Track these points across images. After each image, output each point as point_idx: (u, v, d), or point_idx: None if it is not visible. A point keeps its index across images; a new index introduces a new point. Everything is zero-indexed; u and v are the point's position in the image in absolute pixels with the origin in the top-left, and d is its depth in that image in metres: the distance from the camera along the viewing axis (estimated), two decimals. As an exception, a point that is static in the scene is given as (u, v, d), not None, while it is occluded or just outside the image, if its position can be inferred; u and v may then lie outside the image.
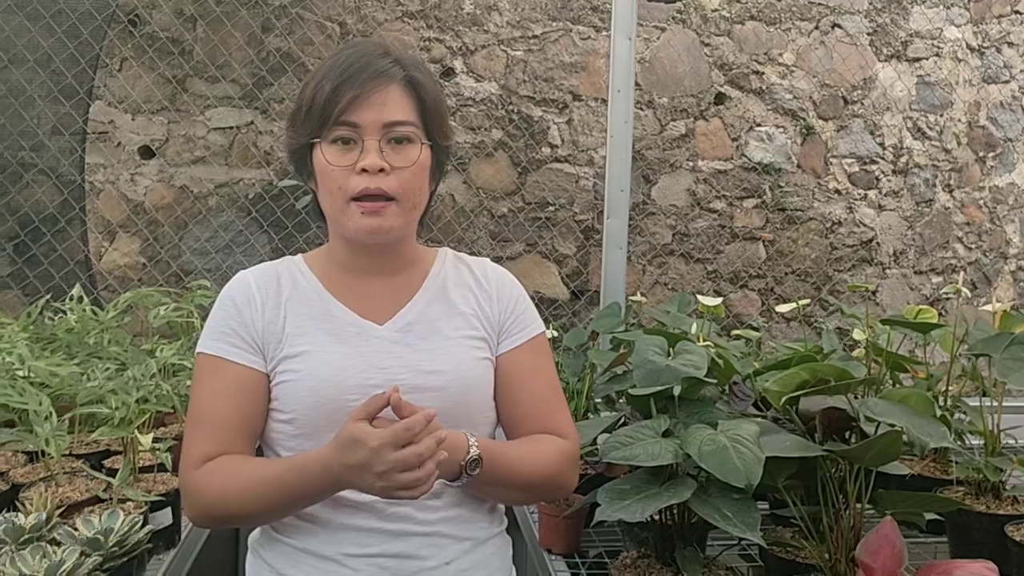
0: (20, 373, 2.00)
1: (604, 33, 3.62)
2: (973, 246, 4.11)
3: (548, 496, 1.35)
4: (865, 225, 3.91)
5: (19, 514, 1.54)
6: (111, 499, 1.67)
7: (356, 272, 1.34)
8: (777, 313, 3.82)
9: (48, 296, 2.63)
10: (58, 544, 1.42)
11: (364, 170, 1.22)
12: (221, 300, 1.33)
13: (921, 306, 2.01)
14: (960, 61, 4.00)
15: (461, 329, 1.33)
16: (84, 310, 2.49)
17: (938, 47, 3.95)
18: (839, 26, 3.85)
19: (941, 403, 1.85)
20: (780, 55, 3.80)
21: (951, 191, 4.04)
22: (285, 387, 1.26)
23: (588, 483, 1.90)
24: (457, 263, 1.41)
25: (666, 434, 1.40)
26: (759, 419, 1.45)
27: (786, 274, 3.85)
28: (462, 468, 1.21)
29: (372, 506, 1.24)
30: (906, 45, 3.92)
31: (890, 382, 1.81)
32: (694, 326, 2.02)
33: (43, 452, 1.82)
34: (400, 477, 1.10)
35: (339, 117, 1.23)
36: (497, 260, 1.49)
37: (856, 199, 3.90)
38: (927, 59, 3.95)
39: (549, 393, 1.36)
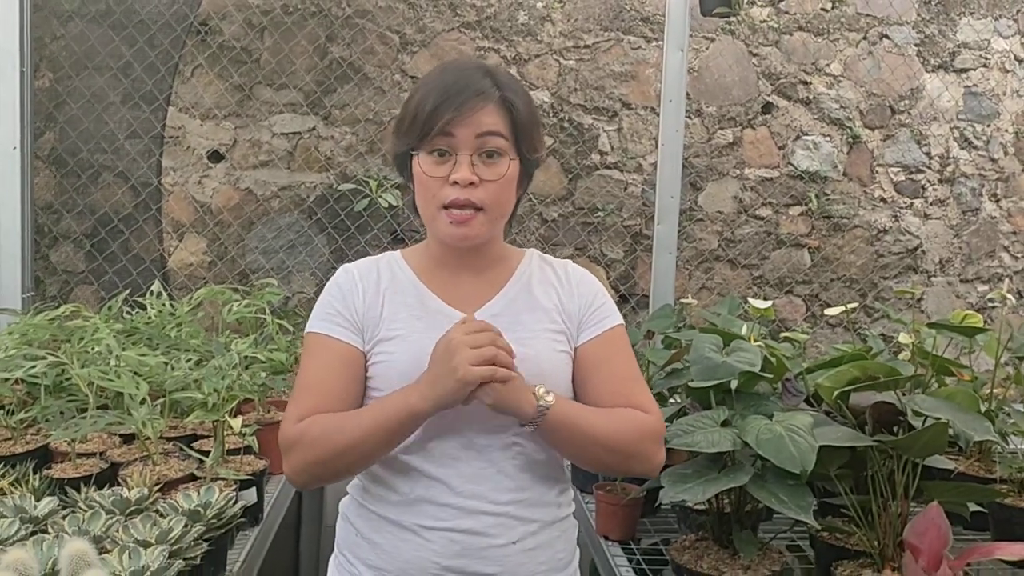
0: (111, 362, 2.14)
1: (654, 43, 3.71)
2: (1020, 255, 4.14)
3: (628, 464, 1.38)
4: (911, 233, 3.96)
5: (123, 489, 1.68)
6: (205, 477, 1.81)
7: (448, 267, 1.46)
8: (822, 319, 3.89)
9: (127, 292, 2.79)
10: (162, 516, 1.56)
11: (456, 182, 1.34)
12: (328, 287, 1.47)
13: (967, 311, 2.08)
14: (1008, 72, 4.04)
15: (542, 322, 1.42)
16: (164, 305, 2.64)
17: (986, 58, 3.99)
18: (887, 37, 3.90)
19: (986, 406, 1.92)
20: (828, 65, 3.87)
21: (997, 200, 4.07)
22: (380, 367, 1.38)
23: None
24: (542, 263, 1.52)
25: (724, 424, 1.50)
26: (812, 412, 1.55)
27: (831, 280, 3.91)
28: (536, 409, 1.29)
29: (447, 482, 1.34)
30: (953, 56, 3.97)
31: (936, 385, 1.88)
32: (744, 328, 2.11)
33: (137, 434, 1.97)
34: (470, 353, 1.23)
35: (438, 131, 1.34)
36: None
37: (902, 207, 3.95)
38: (974, 70, 3.99)
39: (628, 374, 1.43)
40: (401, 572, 1.35)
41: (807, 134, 3.86)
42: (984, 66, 3.99)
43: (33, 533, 1.47)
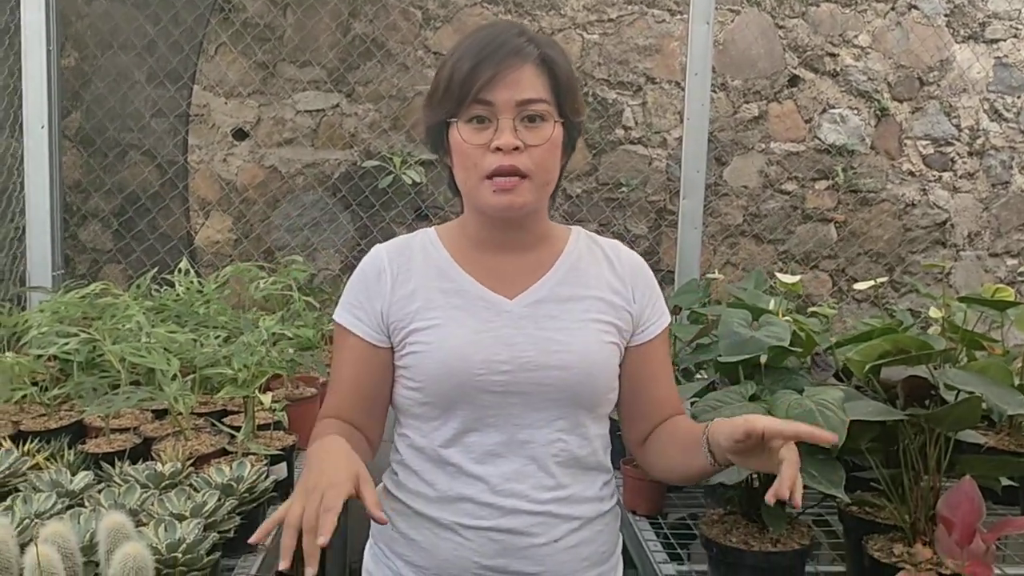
0: (142, 339, 2.16)
1: (679, 16, 3.68)
2: (1050, 229, 4.08)
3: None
4: (939, 207, 3.92)
5: (157, 463, 1.71)
6: (236, 452, 1.83)
7: (488, 247, 1.37)
8: (848, 294, 3.86)
9: (155, 269, 2.81)
10: (196, 490, 1.58)
11: (498, 148, 1.25)
12: (356, 273, 1.41)
13: (998, 285, 2.05)
14: (1040, 42, 3.97)
15: (590, 312, 1.35)
16: (191, 282, 2.66)
17: (1016, 28, 3.92)
18: (916, 7, 3.84)
19: (1018, 380, 1.91)
20: (855, 37, 3.81)
21: (1028, 173, 4.02)
22: (415, 358, 1.32)
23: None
24: (591, 243, 1.43)
25: (753, 399, 1.50)
26: (843, 387, 1.54)
27: (858, 255, 3.88)
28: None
29: (487, 480, 1.30)
30: (984, 26, 3.90)
31: (966, 359, 1.87)
32: (772, 303, 2.10)
33: (168, 410, 1.99)
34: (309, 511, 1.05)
35: (475, 96, 1.25)
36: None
37: (931, 181, 3.90)
38: (1005, 40, 3.92)
39: (672, 378, 1.43)
40: (440, 570, 1.32)
41: (834, 107, 3.82)
42: (1015, 36, 3.92)
43: (70, 507, 1.50)
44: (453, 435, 1.31)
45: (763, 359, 1.57)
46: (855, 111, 3.83)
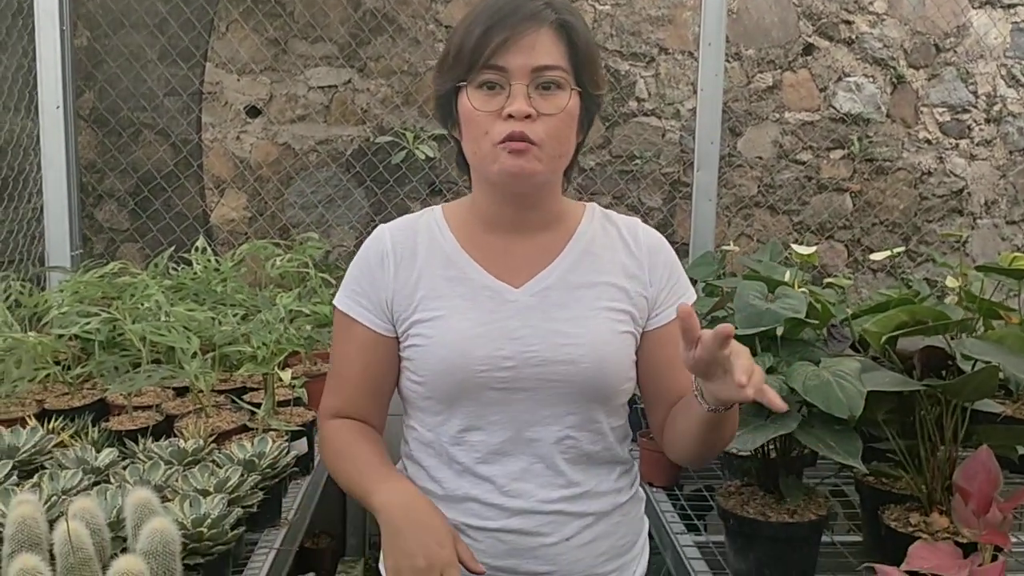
0: (161, 317, 2.19)
1: (692, -15, 3.64)
2: (1068, 196, 4.05)
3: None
4: (956, 175, 3.88)
5: (180, 440, 1.73)
6: (257, 428, 1.86)
7: (497, 228, 1.30)
8: (864, 264, 3.84)
9: (171, 248, 2.83)
10: (218, 466, 1.61)
11: (510, 116, 1.18)
12: (358, 256, 1.34)
13: (1016, 253, 2.04)
14: (1059, 6, 3.91)
15: (602, 299, 1.28)
16: (209, 260, 2.68)
17: (1036, -8, 3.86)
18: (932, -28, 3.79)
19: (1035, 348, 1.90)
20: (871, 3, 3.76)
21: (1046, 140, 3.97)
22: (416, 351, 1.27)
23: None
24: (605, 222, 1.35)
25: (770, 371, 1.50)
26: (860, 358, 1.54)
27: (873, 225, 3.86)
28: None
29: (494, 480, 1.26)
30: (1002, -10, 3.84)
31: (983, 329, 1.87)
32: (787, 274, 2.10)
33: (189, 387, 2.02)
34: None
35: (487, 61, 1.19)
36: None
37: (947, 148, 3.87)
38: (1022, 5, 3.86)
39: None
40: None
41: (849, 75, 3.78)
42: (1034, 0, 3.86)
43: (96, 483, 1.52)
44: (457, 432, 1.27)
45: (779, 331, 1.57)
46: (870, 79, 3.79)
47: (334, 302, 1.36)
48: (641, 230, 1.36)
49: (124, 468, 1.58)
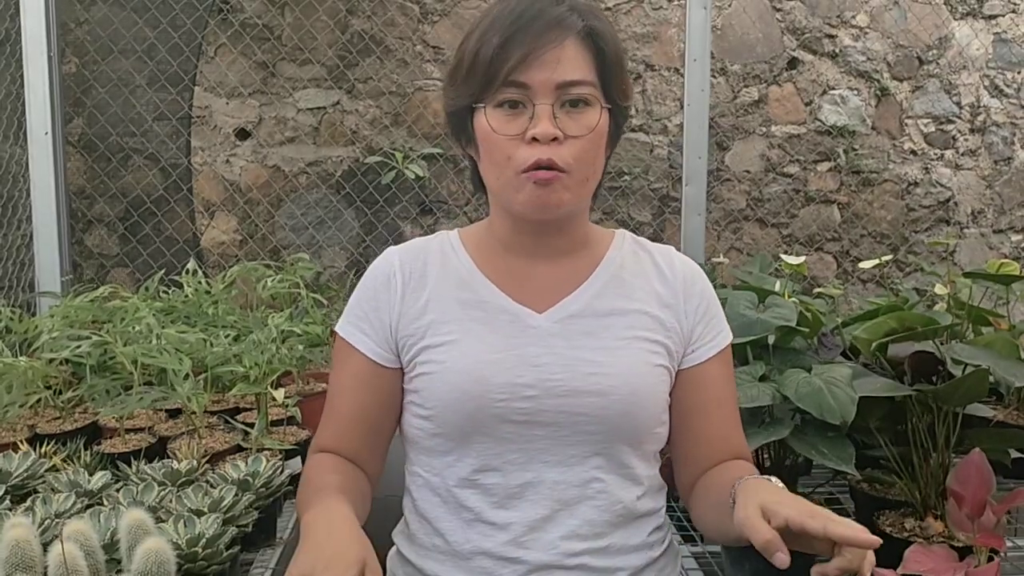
0: (153, 340, 2.18)
1: (675, 2, 3.68)
2: (1054, 204, 4.09)
3: None
4: (942, 185, 3.92)
5: (173, 461, 1.72)
6: (251, 448, 1.85)
7: (518, 252, 1.18)
8: (853, 275, 3.87)
9: (162, 272, 2.83)
10: (212, 486, 1.60)
11: (534, 139, 1.06)
12: (363, 279, 1.23)
13: (1003, 260, 2.06)
14: (1038, 17, 3.96)
15: (635, 328, 1.15)
16: (199, 283, 2.68)
17: (1015, 3, 3.91)
18: (913, -14, 3.84)
19: (1024, 353, 1.91)
20: (853, 17, 3.81)
21: (1030, 149, 4.02)
22: (425, 380, 1.14)
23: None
24: (637, 248, 1.23)
25: (762, 379, 1.51)
26: (851, 364, 1.55)
27: (862, 236, 3.88)
28: None
29: (509, 529, 1.11)
30: (982, 2, 3.89)
31: (972, 335, 1.88)
32: (777, 284, 2.11)
33: (182, 409, 2.01)
34: None
35: (506, 77, 1.06)
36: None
37: (932, 159, 3.90)
38: (1003, 16, 3.91)
39: (736, 415, 1.22)
40: None
41: (834, 88, 3.82)
42: (1014, 12, 3.91)
43: (89, 506, 1.51)
44: (470, 473, 1.13)
45: (771, 340, 1.58)
46: (855, 92, 3.83)
47: (335, 328, 1.24)
48: (676, 258, 1.23)
49: (117, 490, 1.57)
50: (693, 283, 1.21)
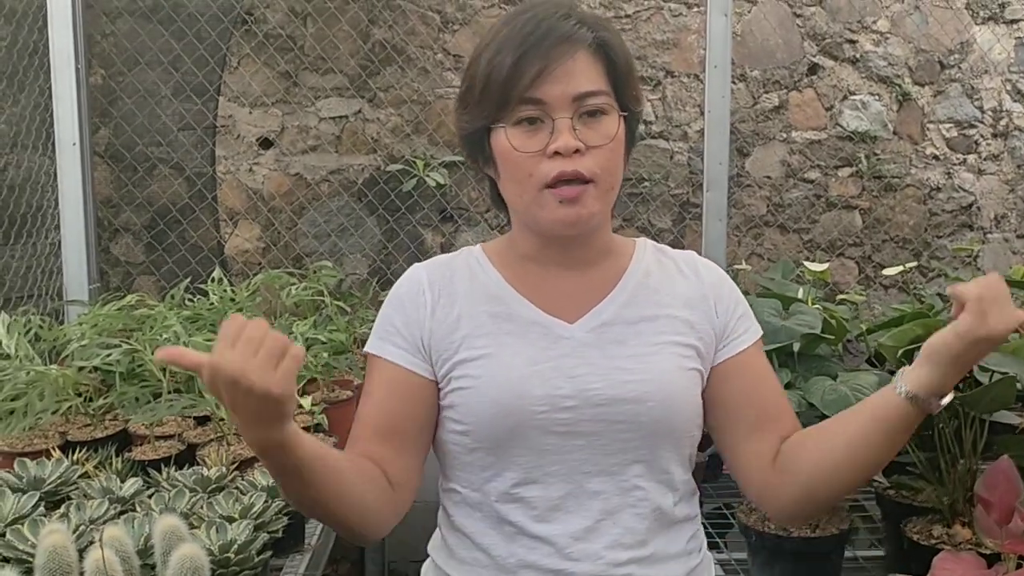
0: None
1: (695, 9, 3.68)
2: (1078, 208, 4.05)
3: (840, 500, 1.17)
4: (965, 190, 3.90)
5: (203, 468, 1.75)
6: (278, 455, 1.87)
7: (544, 264, 1.18)
8: (875, 281, 3.85)
9: (187, 280, 2.86)
10: (242, 492, 1.62)
11: (557, 153, 1.07)
12: (390, 297, 1.22)
13: (1027, 266, 2.05)
14: (1061, 20, 3.94)
15: (665, 333, 1.15)
16: (225, 291, 2.71)
17: (1038, 8, 3.89)
18: (934, -10, 3.83)
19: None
20: (874, 22, 3.80)
21: (1054, 153, 3.99)
22: (461, 395, 1.13)
23: (705, 439, 2.02)
24: (660, 255, 1.24)
25: (788, 386, 1.52)
26: (877, 372, 1.56)
27: (884, 241, 3.87)
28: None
29: (553, 541, 1.11)
30: (1003, 7, 3.87)
31: (998, 341, 1.87)
32: (800, 291, 2.12)
33: (210, 416, 2.03)
34: (257, 361, 0.89)
35: (523, 95, 1.07)
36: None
37: (955, 164, 3.88)
38: (1026, 20, 3.90)
39: (783, 390, 1.22)
40: None
41: (855, 94, 3.81)
42: (1036, 16, 3.89)
43: (122, 512, 1.54)
44: (510, 487, 1.12)
45: (796, 347, 1.59)
46: (876, 97, 3.82)
47: (367, 348, 1.21)
48: (700, 262, 1.25)
49: (149, 497, 1.60)
50: (721, 285, 1.22)
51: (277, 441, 0.96)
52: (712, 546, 1.80)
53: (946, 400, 1.03)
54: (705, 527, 1.89)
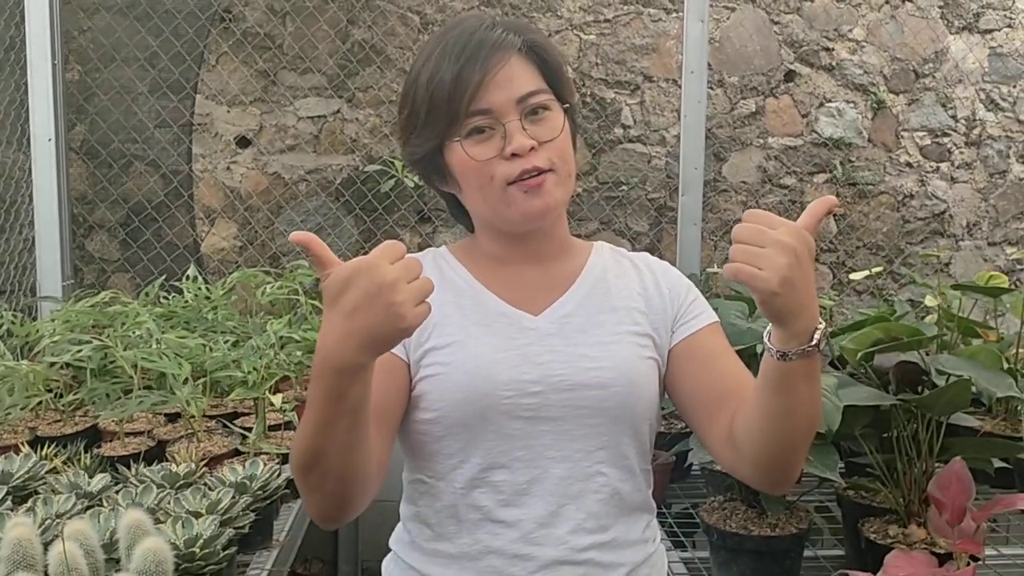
0: (153, 345, 2.22)
1: (674, 15, 3.71)
2: (1048, 217, 4.11)
3: (799, 457, 1.11)
4: (937, 198, 3.95)
5: (172, 464, 1.75)
6: (248, 452, 1.88)
7: (507, 261, 1.24)
8: (848, 286, 3.89)
9: (162, 277, 2.86)
10: (210, 488, 1.63)
11: (514, 154, 1.12)
12: None
13: (992, 272, 2.09)
14: (1033, 31, 4.00)
15: (624, 324, 1.20)
16: (199, 288, 2.71)
17: (1010, 18, 3.95)
18: (910, 0, 3.87)
19: (1011, 365, 1.94)
20: (850, 31, 3.85)
21: (1025, 162, 4.05)
22: (431, 382, 1.15)
23: (672, 439, 2.04)
24: (616, 256, 1.30)
25: (750, 388, 1.54)
26: (837, 374, 1.58)
27: (857, 248, 3.91)
28: (813, 333, 0.98)
29: (518, 526, 1.13)
30: (977, 17, 3.93)
31: (961, 346, 1.91)
32: (770, 295, 2.14)
33: (181, 413, 2.04)
34: (411, 289, 0.90)
35: (468, 107, 1.12)
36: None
37: (928, 172, 3.94)
38: (999, 30, 3.95)
39: (742, 364, 1.23)
40: None
41: (831, 101, 3.85)
42: (1009, 26, 3.95)
43: (89, 507, 1.54)
44: (477, 473, 1.14)
45: (760, 349, 1.61)
46: (851, 104, 3.86)
47: None
48: (653, 260, 1.31)
49: (117, 492, 1.60)
50: (668, 276, 1.27)
51: (362, 364, 0.94)
52: (678, 545, 1.83)
53: (815, 341, 0.98)
54: (672, 526, 1.92)
